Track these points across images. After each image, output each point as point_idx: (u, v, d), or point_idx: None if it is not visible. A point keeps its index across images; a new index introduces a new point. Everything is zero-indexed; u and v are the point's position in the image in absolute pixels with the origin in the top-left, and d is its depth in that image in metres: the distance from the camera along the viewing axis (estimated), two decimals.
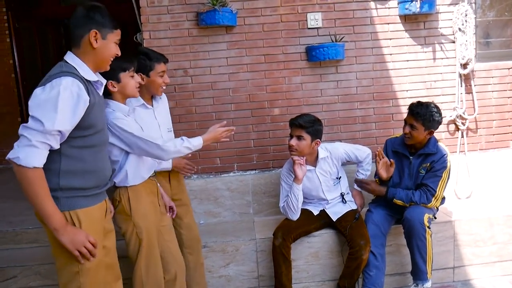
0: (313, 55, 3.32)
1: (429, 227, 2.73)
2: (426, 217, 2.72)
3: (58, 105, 1.61)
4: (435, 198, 2.82)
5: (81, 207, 1.76)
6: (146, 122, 2.44)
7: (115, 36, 1.83)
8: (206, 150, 3.36)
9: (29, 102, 1.63)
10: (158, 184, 2.41)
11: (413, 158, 2.89)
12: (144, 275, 2.23)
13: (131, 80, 2.17)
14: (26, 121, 1.64)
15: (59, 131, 1.64)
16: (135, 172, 2.20)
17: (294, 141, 2.81)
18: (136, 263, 2.23)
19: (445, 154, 2.83)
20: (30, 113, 1.61)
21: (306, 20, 3.37)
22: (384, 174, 2.83)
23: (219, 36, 3.34)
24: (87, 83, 1.75)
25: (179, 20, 3.29)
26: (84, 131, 1.74)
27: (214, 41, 3.34)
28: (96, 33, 1.76)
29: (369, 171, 3.07)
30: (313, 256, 3.03)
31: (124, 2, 3.89)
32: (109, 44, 1.82)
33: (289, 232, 2.82)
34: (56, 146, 1.66)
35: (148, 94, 2.52)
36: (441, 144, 2.89)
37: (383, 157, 2.82)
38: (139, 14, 3.28)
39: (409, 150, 2.92)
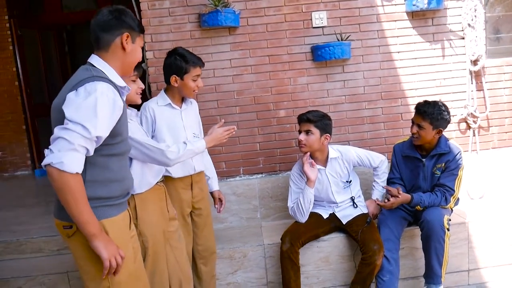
0: (318, 54, 3.25)
1: (448, 229, 2.67)
2: (445, 218, 2.66)
3: (97, 110, 1.54)
4: (453, 198, 2.76)
5: (107, 217, 1.67)
6: (170, 122, 2.44)
7: (141, 40, 1.79)
8: (211, 154, 3.28)
9: (64, 107, 1.55)
10: (166, 190, 2.35)
11: (426, 160, 2.80)
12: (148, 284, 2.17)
13: (132, 84, 2.11)
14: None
15: (97, 137, 1.57)
16: (141, 179, 2.15)
17: (302, 136, 2.77)
18: None
19: (459, 152, 2.76)
20: (67, 116, 1.52)
21: (311, 19, 3.31)
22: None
23: (222, 38, 3.28)
24: (118, 89, 1.69)
25: (181, 22, 3.24)
26: (112, 139, 1.66)
27: (217, 42, 3.28)
28: (128, 36, 1.71)
29: (385, 183, 2.97)
30: (323, 261, 2.96)
31: (124, 5, 3.82)
32: (137, 48, 1.77)
33: (297, 236, 2.76)
34: (92, 152, 1.58)
35: (179, 95, 2.50)
36: (452, 142, 2.82)
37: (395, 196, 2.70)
38: (140, 17, 3.23)
39: (420, 152, 2.84)
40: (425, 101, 2.78)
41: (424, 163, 2.81)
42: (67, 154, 1.50)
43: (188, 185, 2.54)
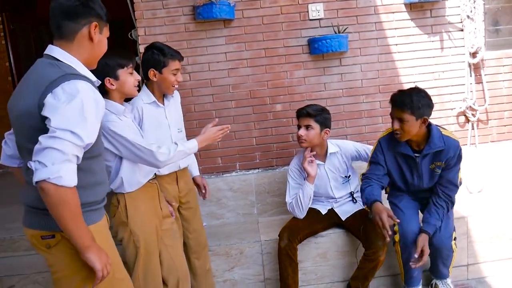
0: (315, 47, 3.20)
1: (456, 245, 2.64)
2: (453, 236, 2.60)
3: (86, 114, 1.41)
4: (456, 194, 2.66)
5: (93, 223, 1.58)
6: (156, 121, 2.39)
7: (107, 30, 1.65)
8: (207, 149, 3.26)
9: (46, 114, 1.39)
10: (158, 187, 2.31)
11: (419, 158, 2.51)
12: (142, 285, 2.13)
13: (129, 77, 2.07)
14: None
15: (87, 144, 1.44)
16: (131, 178, 2.10)
17: (302, 131, 2.72)
18: (133, 272, 2.14)
19: (458, 146, 2.49)
20: (53, 124, 1.37)
21: (307, 11, 3.25)
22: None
23: (217, 31, 3.22)
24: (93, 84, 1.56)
25: (175, 15, 3.18)
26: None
27: (212, 35, 3.22)
28: (96, 26, 1.56)
29: None
30: (321, 257, 2.93)
31: None
32: (104, 40, 1.63)
33: (295, 233, 2.72)
34: (80, 161, 1.44)
35: (159, 92, 2.43)
36: (447, 134, 2.51)
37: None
38: (133, 10, 3.18)
39: (412, 147, 2.52)
40: (400, 91, 2.47)
41: (417, 161, 2.52)
42: (63, 166, 1.35)
43: (174, 180, 2.50)
